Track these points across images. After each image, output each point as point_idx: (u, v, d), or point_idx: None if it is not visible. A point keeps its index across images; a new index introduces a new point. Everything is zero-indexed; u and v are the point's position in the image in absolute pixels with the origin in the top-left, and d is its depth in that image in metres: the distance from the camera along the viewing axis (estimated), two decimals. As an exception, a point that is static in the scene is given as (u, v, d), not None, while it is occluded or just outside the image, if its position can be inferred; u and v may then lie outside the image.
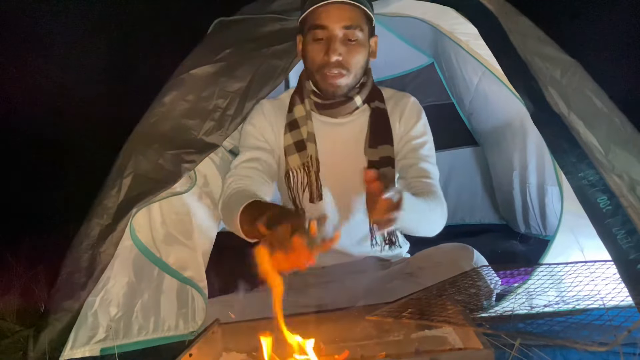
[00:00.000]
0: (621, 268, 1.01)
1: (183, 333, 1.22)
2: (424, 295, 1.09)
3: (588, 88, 1.09)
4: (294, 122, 1.36)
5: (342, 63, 1.24)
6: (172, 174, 1.18)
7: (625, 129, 1.08)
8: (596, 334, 1.05)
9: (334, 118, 1.37)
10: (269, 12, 1.39)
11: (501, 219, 2.69)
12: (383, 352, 0.82)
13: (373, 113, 1.36)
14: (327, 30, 1.23)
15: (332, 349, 0.87)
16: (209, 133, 1.23)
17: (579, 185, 1.07)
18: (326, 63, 1.24)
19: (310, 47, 1.27)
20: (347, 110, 1.35)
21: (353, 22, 1.24)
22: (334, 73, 1.24)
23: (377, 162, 1.31)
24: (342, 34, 1.23)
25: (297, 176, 1.35)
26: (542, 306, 1.18)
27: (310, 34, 1.26)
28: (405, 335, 0.89)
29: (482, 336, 0.80)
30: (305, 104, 1.36)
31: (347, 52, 1.24)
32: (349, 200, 1.39)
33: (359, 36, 1.25)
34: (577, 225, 1.20)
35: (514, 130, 2.18)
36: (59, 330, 1.07)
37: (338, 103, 1.33)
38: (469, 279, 1.19)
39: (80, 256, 1.10)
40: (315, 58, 1.26)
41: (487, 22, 1.21)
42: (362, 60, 1.28)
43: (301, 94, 1.37)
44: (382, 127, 1.36)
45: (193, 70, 1.27)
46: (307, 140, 1.34)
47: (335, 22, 1.23)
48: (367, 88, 1.36)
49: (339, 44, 1.23)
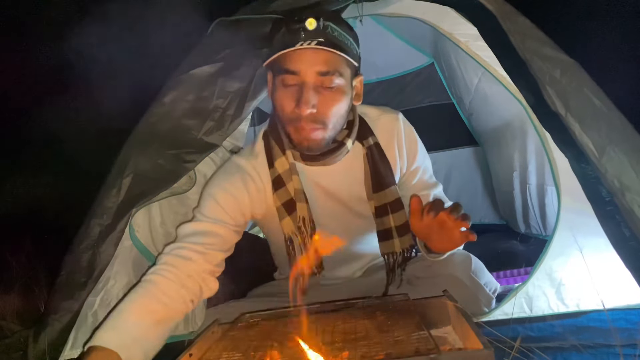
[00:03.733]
0: (622, 252, 1.01)
1: (183, 333, 1.23)
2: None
3: (587, 88, 1.09)
4: (278, 178, 1.17)
5: (316, 116, 1.04)
6: (172, 174, 1.18)
7: (624, 128, 1.08)
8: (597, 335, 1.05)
9: (324, 166, 1.19)
10: (269, 12, 1.39)
11: (501, 219, 2.70)
12: (383, 352, 0.82)
13: (369, 153, 1.20)
14: (299, 76, 1.04)
15: (332, 349, 0.87)
16: (209, 133, 1.23)
17: (582, 172, 1.08)
18: (298, 116, 1.04)
19: (280, 94, 1.07)
20: (339, 158, 1.18)
21: (330, 67, 1.03)
22: (307, 127, 1.05)
23: (385, 207, 1.20)
24: (317, 81, 1.04)
25: (295, 243, 1.18)
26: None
27: (279, 77, 1.06)
28: (405, 335, 0.88)
29: (482, 336, 0.80)
30: (287, 155, 1.17)
31: (322, 102, 1.04)
32: (350, 245, 1.32)
33: (338, 83, 1.05)
34: (576, 224, 1.20)
35: (514, 131, 2.19)
36: (59, 330, 1.08)
37: (329, 152, 1.15)
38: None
39: (80, 256, 1.10)
40: (285, 106, 1.06)
41: (487, 22, 1.21)
42: (342, 109, 1.09)
43: (279, 141, 1.18)
44: (382, 167, 1.21)
45: (193, 70, 1.27)
46: (295, 199, 1.17)
47: (308, 67, 1.03)
48: (356, 127, 1.19)
49: (312, 93, 1.03)
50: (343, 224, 1.27)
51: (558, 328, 1.12)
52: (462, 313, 0.94)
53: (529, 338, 1.07)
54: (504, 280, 1.64)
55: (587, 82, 1.10)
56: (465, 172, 2.79)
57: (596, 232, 1.08)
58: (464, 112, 2.66)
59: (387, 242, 1.22)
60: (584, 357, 0.96)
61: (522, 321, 1.18)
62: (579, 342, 1.00)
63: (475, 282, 1.21)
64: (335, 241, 1.02)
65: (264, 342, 0.94)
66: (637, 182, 1.01)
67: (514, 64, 1.16)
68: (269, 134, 1.22)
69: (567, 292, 1.21)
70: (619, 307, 1.17)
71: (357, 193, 1.24)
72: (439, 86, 2.72)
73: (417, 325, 0.92)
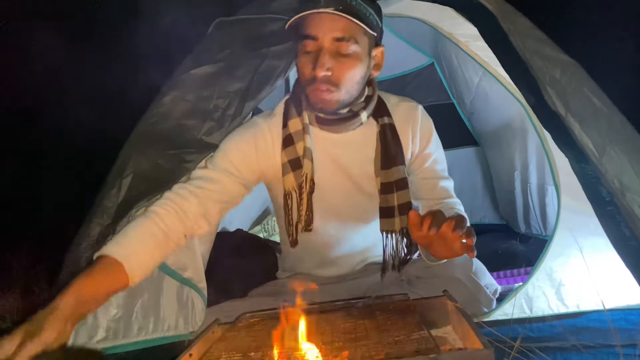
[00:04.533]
0: (622, 252, 1.01)
1: (183, 333, 1.23)
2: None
3: (587, 88, 1.09)
4: (288, 137, 1.25)
5: (330, 79, 1.13)
6: (172, 174, 1.18)
7: (624, 128, 1.08)
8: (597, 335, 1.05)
9: (337, 134, 1.27)
10: (269, 12, 1.39)
11: (501, 219, 2.70)
12: (383, 352, 0.82)
13: (382, 130, 1.26)
14: (317, 41, 1.12)
15: (332, 348, 0.87)
16: (209, 133, 1.23)
17: (582, 172, 1.08)
18: (314, 77, 1.13)
19: (301, 60, 1.17)
20: (351, 127, 1.25)
21: (346, 33, 1.11)
22: (321, 88, 1.13)
23: (391, 184, 1.25)
24: (333, 46, 1.12)
25: (292, 199, 1.25)
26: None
27: (300, 44, 1.16)
28: (405, 335, 0.89)
29: (483, 336, 0.80)
30: (303, 116, 1.25)
31: (337, 66, 1.12)
32: (351, 223, 1.34)
33: (354, 49, 1.13)
34: (576, 225, 1.20)
35: (514, 130, 2.19)
36: (58, 330, 1.07)
37: (342, 119, 1.23)
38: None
39: (80, 256, 1.10)
40: (304, 71, 1.16)
41: (486, 22, 1.21)
42: (357, 75, 1.16)
43: (298, 105, 1.26)
44: (393, 147, 1.26)
45: (193, 70, 1.27)
46: (303, 156, 1.23)
47: (326, 33, 1.11)
48: (373, 102, 1.26)
49: (327, 57, 1.11)
50: (347, 199, 1.31)
51: (558, 328, 1.12)
52: (462, 313, 0.94)
53: (528, 338, 1.07)
54: (504, 280, 1.64)
55: (587, 82, 1.10)
56: (465, 172, 2.78)
57: (596, 232, 1.08)
58: (464, 112, 2.66)
59: (388, 219, 1.26)
60: (583, 357, 0.95)
61: (522, 321, 1.18)
62: (579, 343, 1.00)
63: (476, 283, 1.21)
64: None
65: (264, 342, 0.94)
66: (637, 182, 1.00)
67: (514, 64, 1.16)
68: (290, 100, 1.30)
69: (567, 293, 1.21)
70: (618, 307, 1.17)
71: (366, 169, 1.29)
72: (439, 86, 2.72)
73: (417, 325, 0.92)
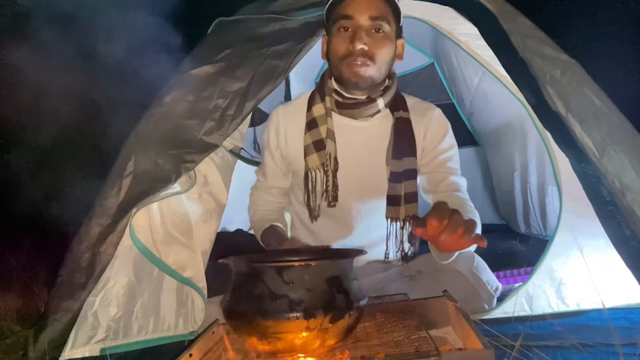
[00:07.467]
0: (623, 251, 1.01)
1: (183, 333, 1.22)
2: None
3: (587, 88, 1.09)
4: (312, 121, 1.35)
5: (367, 53, 1.22)
6: (172, 174, 1.18)
7: (625, 128, 1.08)
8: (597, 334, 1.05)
9: (354, 119, 1.35)
10: (269, 12, 1.39)
11: (501, 219, 2.70)
12: (383, 353, 0.82)
13: (397, 123, 1.33)
14: (353, 20, 1.22)
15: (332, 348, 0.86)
16: (209, 133, 1.23)
17: (582, 172, 1.08)
18: (351, 52, 1.22)
19: (336, 39, 1.26)
20: (368, 112, 1.32)
21: (380, 13, 1.23)
22: (358, 62, 1.22)
23: (400, 174, 1.30)
24: (369, 24, 1.22)
25: (315, 177, 1.33)
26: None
27: (336, 25, 1.25)
28: (405, 335, 0.89)
29: (483, 336, 0.80)
30: (325, 101, 1.35)
31: (372, 42, 1.22)
32: (365, 203, 1.39)
33: (386, 29, 1.23)
34: (577, 225, 1.20)
35: (514, 131, 2.19)
36: (59, 330, 1.07)
37: (360, 103, 1.31)
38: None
39: (80, 256, 1.10)
40: (340, 48, 1.25)
41: (487, 22, 1.21)
42: (388, 54, 1.26)
43: (322, 92, 1.36)
44: (406, 138, 1.33)
45: (193, 70, 1.27)
46: (326, 138, 1.33)
47: (362, 12, 1.22)
48: (390, 92, 1.33)
49: (364, 33, 1.21)
50: (357, 175, 1.36)
51: (558, 327, 1.12)
52: (462, 313, 0.94)
53: (529, 337, 1.07)
54: (504, 280, 1.64)
55: (588, 82, 1.10)
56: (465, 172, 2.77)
57: (596, 232, 1.08)
58: (464, 112, 2.66)
59: (394, 207, 1.31)
60: (583, 356, 0.95)
61: (523, 320, 1.18)
62: (579, 341, 1.00)
63: (477, 278, 1.22)
64: None
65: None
66: (637, 182, 1.01)
67: (514, 64, 1.16)
68: (315, 91, 1.41)
69: (568, 291, 1.21)
70: (618, 306, 1.17)
71: (378, 160, 1.35)
72: (439, 86, 2.73)
73: (416, 326, 0.92)
